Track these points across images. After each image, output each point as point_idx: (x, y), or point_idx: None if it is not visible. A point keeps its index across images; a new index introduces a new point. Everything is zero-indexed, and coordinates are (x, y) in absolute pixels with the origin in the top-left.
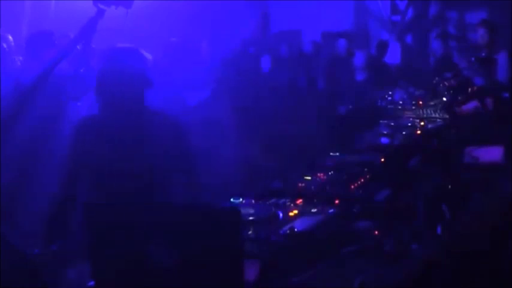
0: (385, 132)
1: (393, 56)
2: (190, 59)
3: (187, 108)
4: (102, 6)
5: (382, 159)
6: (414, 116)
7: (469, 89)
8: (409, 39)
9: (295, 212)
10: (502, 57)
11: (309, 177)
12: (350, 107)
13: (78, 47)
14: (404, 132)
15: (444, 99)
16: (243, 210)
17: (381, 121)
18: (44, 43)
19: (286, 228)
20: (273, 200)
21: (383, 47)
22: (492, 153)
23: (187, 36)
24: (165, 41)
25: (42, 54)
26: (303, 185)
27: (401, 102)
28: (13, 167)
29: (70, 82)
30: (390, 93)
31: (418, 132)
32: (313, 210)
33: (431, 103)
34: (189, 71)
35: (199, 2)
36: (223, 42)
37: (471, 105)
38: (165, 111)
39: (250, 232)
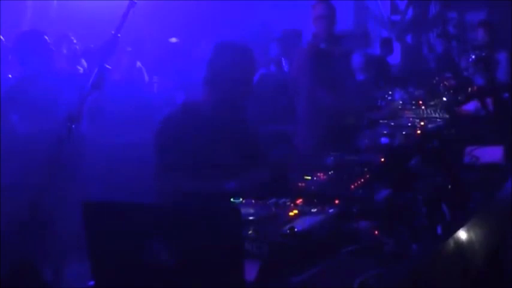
0: (385, 132)
1: (393, 56)
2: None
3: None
4: None
5: (382, 159)
6: (414, 116)
7: (469, 89)
8: (409, 39)
9: (295, 212)
10: (501, 57)
11: (309, 177)
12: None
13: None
14: (404, 132)
15: (444, 99)
16: (243, 210)
17: (381, 121)
18: (36, 42)
19: (286, 228)
20: (273, 200)
21: (387, 44)
22: (492, 153)
23: (187, 36)
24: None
25: (34, 53)
26: (303, 185)
27: (401, 102)
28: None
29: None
30: (390, 93)
31: (418, 132)
32: (313, 210)
33: (431, 103)
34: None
35: (199, 2)
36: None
37: (471, 105)
38: None
39: (250, 232)
